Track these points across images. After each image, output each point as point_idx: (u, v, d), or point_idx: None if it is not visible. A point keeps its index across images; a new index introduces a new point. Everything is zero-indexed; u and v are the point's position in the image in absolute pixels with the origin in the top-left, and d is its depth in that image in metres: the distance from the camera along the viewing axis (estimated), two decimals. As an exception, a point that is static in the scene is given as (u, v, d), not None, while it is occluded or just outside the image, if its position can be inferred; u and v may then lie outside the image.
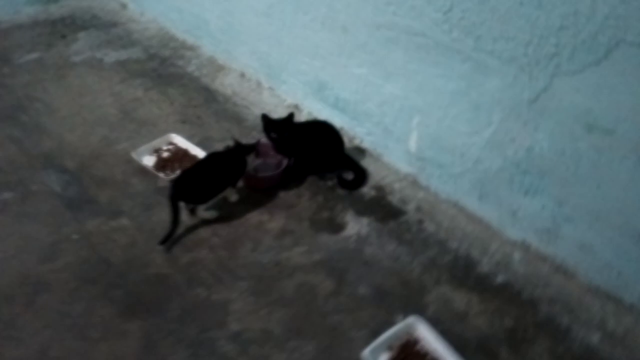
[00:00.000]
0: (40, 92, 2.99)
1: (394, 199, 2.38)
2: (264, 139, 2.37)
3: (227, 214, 2.24)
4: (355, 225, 2.23)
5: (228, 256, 2.04)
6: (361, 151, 2.65)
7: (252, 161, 2.43)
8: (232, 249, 2.08)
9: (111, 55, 3.42)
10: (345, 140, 2.70)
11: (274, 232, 2.17)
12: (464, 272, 2.05)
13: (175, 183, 2.05)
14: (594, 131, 1.73)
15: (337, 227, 2.22)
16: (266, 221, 2.23)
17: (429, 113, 2.23)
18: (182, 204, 2.09)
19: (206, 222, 2.19)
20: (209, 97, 3.08)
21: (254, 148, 2.31)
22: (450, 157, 2.24)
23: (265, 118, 2.30)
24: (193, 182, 2.08)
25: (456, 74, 2.03)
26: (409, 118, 2.34)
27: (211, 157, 2.20)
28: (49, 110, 2.85)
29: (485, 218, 2.22)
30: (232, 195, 2.31)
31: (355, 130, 2.69)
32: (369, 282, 1.98)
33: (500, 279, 2.03)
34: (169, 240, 2.03)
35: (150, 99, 3.03)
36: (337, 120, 2.76)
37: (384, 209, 2.32)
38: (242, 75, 3.25)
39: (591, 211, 1.88)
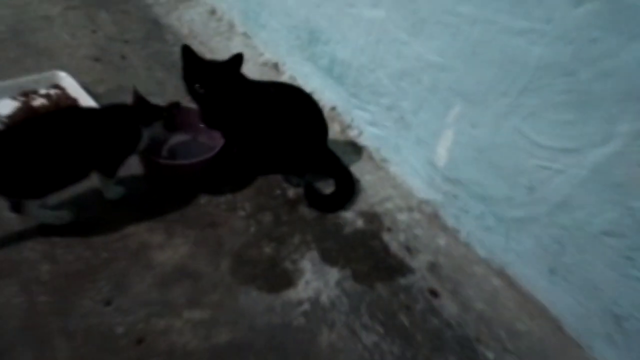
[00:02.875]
0: None
1: (393, 241, 1.36)
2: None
3: (91, 221, 1.26)
4: (315, 281, 1.23)
5: (58, 307, 1.06)
6: (356, 149, 1.63)
7: (169, 136, 1.45)
8: (68, 294, 1.10)
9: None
10: (335, 128, 1.69)
11: (161, 271, 1.18)
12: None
13: None
14: None
15: (280, 280, 1.22)
16: (155, 246, 1.24)
17: (483, 99, 1.20)
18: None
19: (43, 231, 1.21)
20: (154, 32, 2.09)
21: (160, 114, 1.32)
22: (506, 187, 1.22)
23: (188, 51, 1.29)
24: (17, 156, 1.09)
25: (556, 31, 1.00)
26: (444, 104, 1.31)
27: (65, 114, 1.20)
28: None
29: (554, 311, 1.19)
30: (112, 189, 1.32)
31: (352, 114, 1.67)
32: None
33: None
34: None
35: (65, 21, 2.05)
36: (328, 94, 1.74)
37: (373, 257, 1.31)
38: (212, 11, 2.25)
39: None
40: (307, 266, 1.26)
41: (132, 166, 1.39)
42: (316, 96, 1.77)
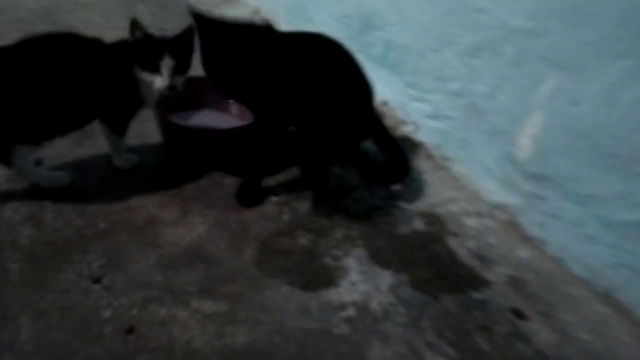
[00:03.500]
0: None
1: (461, 248, 1.08)
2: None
3: (92, 188, 1.04)
4: (363, 283, 0.95)
5: (32, 278, 0.82)
6: (411, 147, 1.39)
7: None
8: (49, 265, 0.85)
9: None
10: (388, 125, 1.45)
11: (169, 250, 0.93)
12: None
13: None
14: None
15: (318, 277, 0.94)
16: (166, 222, 0.99)
17: (588, 67, 0.96)
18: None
19: (33, 193, 0.98)
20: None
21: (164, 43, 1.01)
22: (618, 181, 0.94)
23: (198, 17, 1.06)
24: (3, 86, 0.88)
25: None
26: (531, 79, 1.07)
27: (64, 40, 0.97)
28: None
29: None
30: (123, 155, 1.10)
31: (407, 107, 1.44)
32: None
33: None
34: None
35: (101, 8, 1.95)
36: (380, 88, 1.51)
37: (436, 263, 1.03)
38: (255, 12, 2.13)
39: None
40: (352, 265, 0.99)
41: (150, 135, 1.18)
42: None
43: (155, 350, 0.74)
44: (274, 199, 1.12)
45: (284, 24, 1.98)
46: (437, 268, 1.02)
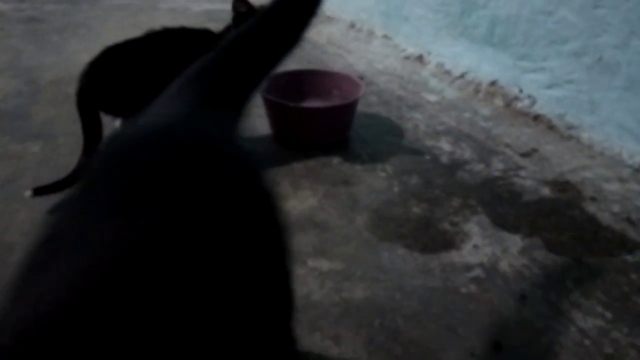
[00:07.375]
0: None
1: (604, 212, 0.94)
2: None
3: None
4: (488, 247, 0.86)
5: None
6: (528, 121, 1.28)
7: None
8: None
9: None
10: (497, 104, 1.37)
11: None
12: None
13: (88, 71, 0.98)
14: None
15: (437, 241, 0.88)
16: (279, 195, 1.01)
17: None
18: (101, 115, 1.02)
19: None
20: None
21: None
22: None
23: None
24: (120, 72, 0.99)
25: None
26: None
27: (160, 35, 1.06)
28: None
29: None
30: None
31: (520, 82, 1.34)
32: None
33: None
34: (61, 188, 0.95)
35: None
36: (486, 68, 1.46)
37: (573, 227, 0.91)
38: (352, 25, 2.18)
39: None
40: (473, 229, 0.90)
41: (260, 127, 1.24)
42: (471, 75, 1.50)
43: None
44: (382, 174, 1.09)
45: (380, 31, 2.00)
46: (575, 232, 0.89)
